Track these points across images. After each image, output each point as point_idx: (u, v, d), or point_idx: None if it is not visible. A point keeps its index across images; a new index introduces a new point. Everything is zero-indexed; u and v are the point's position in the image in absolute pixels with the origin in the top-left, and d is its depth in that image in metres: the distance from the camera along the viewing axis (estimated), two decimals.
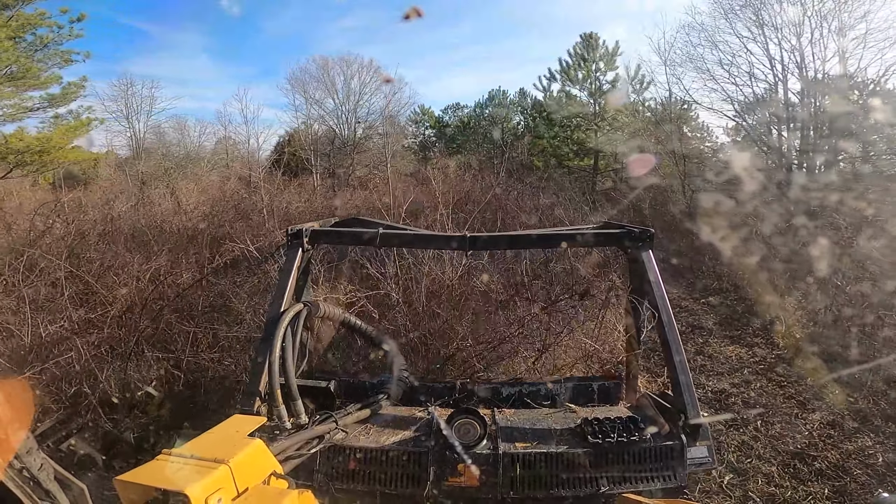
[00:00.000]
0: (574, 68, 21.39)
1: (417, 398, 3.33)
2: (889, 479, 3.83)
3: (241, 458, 1.64)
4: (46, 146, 13.93)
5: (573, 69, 21.41)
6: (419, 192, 11.24)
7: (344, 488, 2.63)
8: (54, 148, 14.19)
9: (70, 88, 14.90)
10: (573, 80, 21.60)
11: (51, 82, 14.50)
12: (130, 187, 15.66)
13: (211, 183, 15.43)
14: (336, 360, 4.57)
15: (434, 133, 26.55)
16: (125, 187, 15.77)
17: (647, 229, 3.37)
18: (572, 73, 21.47)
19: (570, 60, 21.46)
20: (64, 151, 14.73)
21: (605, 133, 19.95)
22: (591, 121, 20.82)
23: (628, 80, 20.12)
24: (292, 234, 3.38)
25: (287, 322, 2.89)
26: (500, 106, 24.67)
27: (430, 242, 4.23)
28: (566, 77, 21.67)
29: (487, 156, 22.38)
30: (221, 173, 18.93)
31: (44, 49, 13.99)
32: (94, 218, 8.41)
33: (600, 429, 2.72)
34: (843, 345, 5.64)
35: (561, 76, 21.82)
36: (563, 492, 2.61)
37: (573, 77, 21.53)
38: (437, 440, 2.70)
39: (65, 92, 14.81)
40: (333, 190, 15.88)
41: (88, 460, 3.50)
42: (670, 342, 2.94)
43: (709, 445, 2.74)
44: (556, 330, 4.88)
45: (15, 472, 1.35)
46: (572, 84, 21.74)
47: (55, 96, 14.69)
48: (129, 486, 1.50)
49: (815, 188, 11.21)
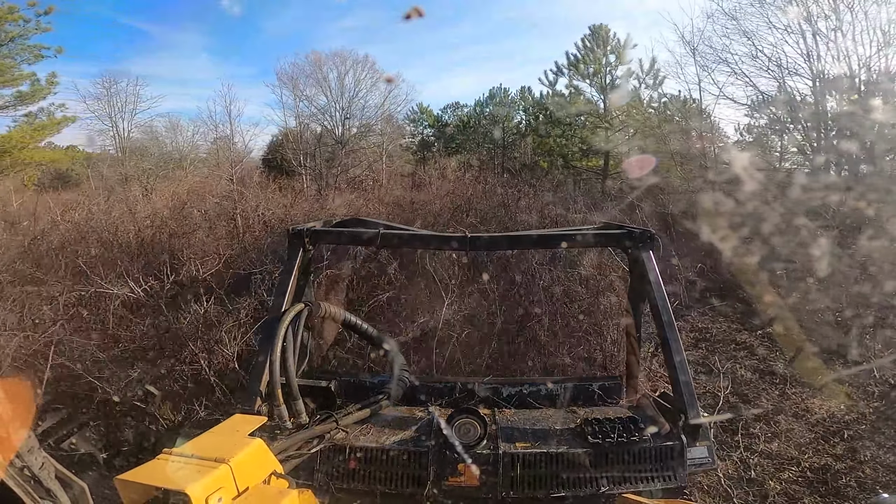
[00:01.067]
0: (584, 62, 19.33)
1: (418, 398, 3.33)
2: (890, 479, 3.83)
3: (242, 458, 1.64)
4: (6, 146, 13.19)
5: (582, 63, 19.40)
6: (415, 196, 10.77)
7: (344, 488, 2.63)
8: (15, 148, 13.44)
9: (39, 85, 14.16)
10: (582, 75, 19.60)
11: (24, 79, 13.84)
12: (106, 190, 14.64)
13: (193, 184, 13.93)
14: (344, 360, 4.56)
15: (433, 132, 25.73)
16: (107, 189, 14.85)
17: (648, 230, 3.36)
18: (581, 68, 19.44)
19: (579, 54, 19.49)
20: (28, 151, 13.99)
21: (617, 131, 18.46)
22: (602, 118, 19.03)
23: (642, 75, 18.00)
24: (293, 234, 3.38)
25: (288, 322, 2.89)
26: (501, 104, 23.77)
27: (430, 243, 4.23)
28: (575, 71, 19.66)
29: (488, 156, 21.67)
30: (207, 174, 17.49)
31: (9, 44, 13.26)
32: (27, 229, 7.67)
33: (600, 429, 2.72)
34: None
35: (568, 71, 19.87)
36: (563, 492, 2.61)
37: (582, 72, 19.52)
38: (437, 440, 2.70)
39: (34, 89, 14.11)
40: (319, 193, 14.69)
41: (89, 459, 3.51)
42: (670, 342, 2.94)
43: (709, 446, 2.74)
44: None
45: (16, 471, 1.36)
46: (581, 79, 19.71)
47: (24, 94, 13.94)
48: (130, 485, 1.50)
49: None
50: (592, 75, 19.39)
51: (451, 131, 24.71)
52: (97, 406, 4.13)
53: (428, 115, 25.47)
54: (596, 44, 19.13)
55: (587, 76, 19.54)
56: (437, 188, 11.87)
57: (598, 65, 19.12)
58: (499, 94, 24.15)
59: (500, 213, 8.97)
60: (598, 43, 19.09)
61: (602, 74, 19.22)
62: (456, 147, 23.57)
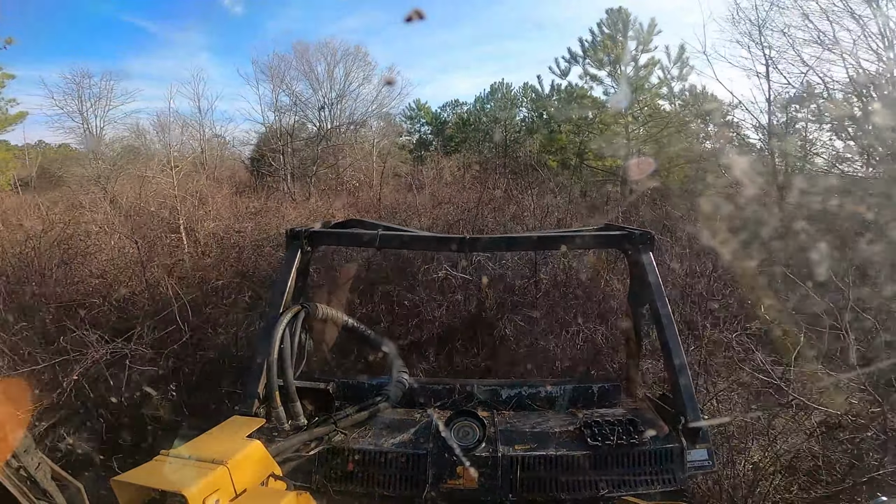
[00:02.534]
0: (603, 48, 16.81)
1: (416, 400, 3.32)
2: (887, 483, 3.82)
3: (240, 460, 1.64)
4: None
5: (600, 50, 16.93)
6: (404, 200, 9.77)
7: (342, 490, 2.62)
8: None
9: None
10: (600, 63, 17.11)
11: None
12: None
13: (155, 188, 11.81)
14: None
15: (431, 130, 24.49)
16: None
17: (647, 231, 3.36)
18: (599, 55, 16.98)
19: (595, 40, 17.11)
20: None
21: (644, 126, 16.33)
22: (623, 113, 16.58)
23: (670, 63, 15.97)
24: (291, 235, 3.38)
25: (285, 323, 2.89)
26: (503, 100, 22.29)
27: (429, 244, 4.23)
28: (593, 57, 17.14)
29: (491, 154, 19.96)
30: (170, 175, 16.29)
31: None
32: None
33: (600, 431, 2.72)
34: None
35: (584, 59, 17.38)
36: (562, 495, 2.60)
37: (599, 59, 17.06)
38: (435, 442, 2.69)
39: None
40: (292, 198, 12.78)
41: (86, 460, 3.49)
42: (670, 345, 2.93)
43: (709, 448, 2.74)
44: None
45: (12, 472, 1.35)
46: (599, 67, 17.22)
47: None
48: (127, 486, 1.49)
49: None
50: (613, 63, 16.81)
51: (450, 130, 23.68)
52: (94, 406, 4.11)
53: (425, 112, 24.37)
54: (615, 29, 16.80)
55: (605, 65, 17.03)
56: (431, 192, 10.69)
57: (618, 50, 16.53)
58: (501, 89, 22.78)
59: (512, 229, 7.49)
60: (618, 28, 16.75)
61: (623, 62, 16.63)
62: (455, 146, 22.46)
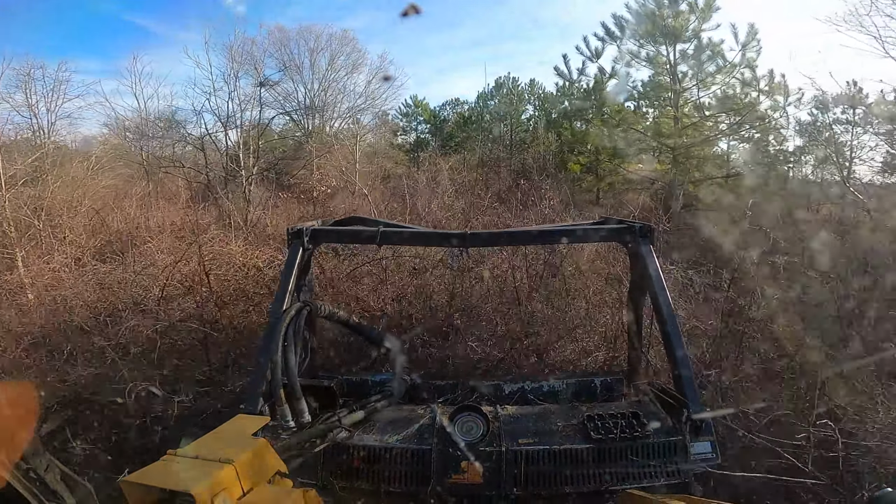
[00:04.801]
0: (648, 21, 12.21)
1: (420, 396, 3.34)
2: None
3: (246, 458, 1.64)
4: None
5: (644, 24, 12.33)
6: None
7: (348, 486, 2.65)
8: None
9: None
10: (650, 35, 12.40)
11: None
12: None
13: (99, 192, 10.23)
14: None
15: (429, 129, 22.70)
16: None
17: (647, 224, 3.37)
18: (643, 29, 12.36)
19: (634, 14, 12.40)
20: None
21: (709, 118, 12.23)
22: (674, 105, 12.54)
23: (738, 44, 11.43)
24: (293, 233, 3.39)
25: (288, 321, 2.90)
26: (509, 95, 20.01)
27: (429, 240, 4.24)
28: (636, 33, 12.51)
29: (494, 155, 18.04)
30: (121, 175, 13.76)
31: None
32: None
33: (603, 425, 2.73)
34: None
35: (622, 37, 12.68)
36: (566, 488, 2.62)
37: (644, 33, 12.45)
38: (440, 438, 2.71)
39: None
40: (240, 219, 9.92)
41: (94, 461, 3.52)
42: (672, 337, 2.94)
43: (712, 440, 2.75)
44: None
45: (22, 473, 1.36)
46: (644, 44, 12.57)
47: None
48: (135, 486, 1.50)
49: None
50: (665, 41, 12.24)
51: (450, 129, 22.18)
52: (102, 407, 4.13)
53: (423, 110, 22.92)
54: (659, 2, 12.21)
55: (653, 41, 12.44)
56: (425, 205, 8.95)
57: (677, 23, 11.88)
58: (507, 84, 20.56)
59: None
60: (662, 3, 12.17)
61: (676, 40, 12.10)
62: (455, 146, 21.01)
